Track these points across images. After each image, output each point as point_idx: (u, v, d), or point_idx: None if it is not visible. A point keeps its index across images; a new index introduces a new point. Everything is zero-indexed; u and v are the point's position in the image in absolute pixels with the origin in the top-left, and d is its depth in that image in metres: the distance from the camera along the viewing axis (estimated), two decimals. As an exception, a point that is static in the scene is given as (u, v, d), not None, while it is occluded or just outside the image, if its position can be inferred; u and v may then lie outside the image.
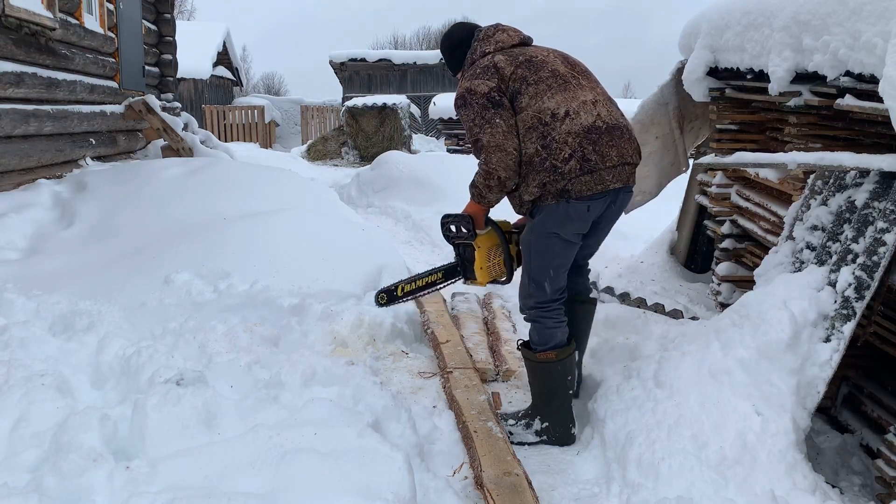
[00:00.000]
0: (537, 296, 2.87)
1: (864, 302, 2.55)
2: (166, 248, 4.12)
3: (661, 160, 4.82)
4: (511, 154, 2.72)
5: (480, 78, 2.78)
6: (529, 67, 2.79)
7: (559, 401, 2.91)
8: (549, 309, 2.88)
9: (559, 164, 2.67)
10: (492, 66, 2.80)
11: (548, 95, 2.73)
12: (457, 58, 3.05)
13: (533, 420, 2.94)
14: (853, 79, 2.78)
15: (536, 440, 2.93)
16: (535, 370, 2.95)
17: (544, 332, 2.90)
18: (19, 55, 5.27)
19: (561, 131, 2.68)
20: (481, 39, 2.97)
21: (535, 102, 2.72)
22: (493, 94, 2.74)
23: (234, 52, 24.37)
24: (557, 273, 2.86)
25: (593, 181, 2.69)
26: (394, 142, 15.24)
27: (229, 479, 2.09)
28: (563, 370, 2.90)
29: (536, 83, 2.75)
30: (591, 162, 2.68)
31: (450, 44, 3.08)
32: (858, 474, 2.73)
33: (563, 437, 2.91)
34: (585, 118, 2.72)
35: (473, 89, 2.77)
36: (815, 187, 2.99)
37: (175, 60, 9.64)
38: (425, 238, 6.88)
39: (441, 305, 4.24)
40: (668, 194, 5.13)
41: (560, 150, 2.67)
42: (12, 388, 2.50)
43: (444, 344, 3.66)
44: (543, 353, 2.89)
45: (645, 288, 4.82)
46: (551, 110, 2.71)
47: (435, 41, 42.40)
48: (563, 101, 2.73)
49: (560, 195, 2.71)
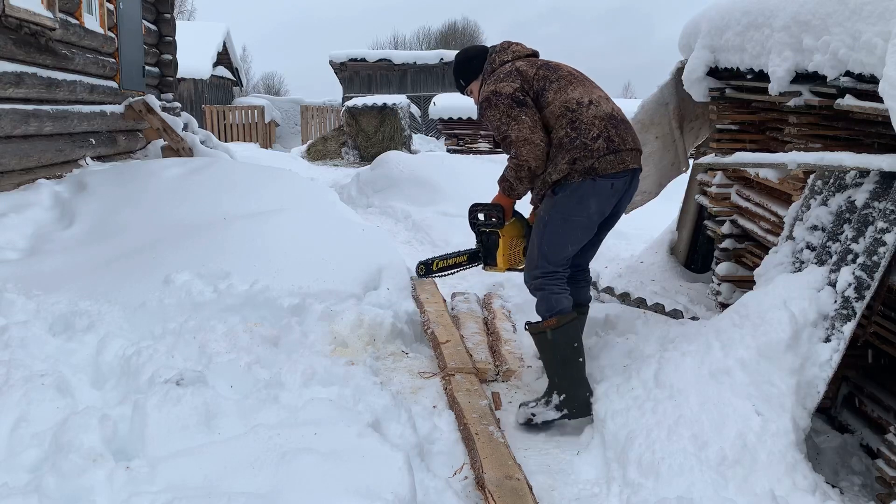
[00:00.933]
0: (544, 266, 3.04)
1: (864, 302, 2.55)
2: (166, 248, 4.12)
3: (661, 160, 4.82)
4: (539, 146, 2.97)
5: (505, 81, 3.04)
6: (548, 69, 3.10)
7: (570, 370, 2.99)
8: (554, 276, 3.05)
9: (588, 142, 2.93)
10: (514, 71, 3.07)
11: (571, 88, 3.03)
12: (474, 66, 3.27)
13: (551, 396, 3.02)
14: (853, 79, 2.78)
15: (558, 415, 2.99)
16: (541, 343, 3.08)
17: (550, 299, 3.03)
18: (19, 55, 5.27)
19: (588, 115, 2.97)
20: (499, 52, 3.23)
21: (561, 95, 3.01)
22: (518, 94, 2.99)
23: (234, 52, 24.37)
24: (570, 251, 3.07)
25: (617, 160, 2.96)
26: (394, 142, 15.24)
27: (229, 479, 2.09)
28: (565, 336, 3.00)
29: (558, 80, 3.05)
30: (615, 143, 2.97)
31: (467, 55, 3.34)
32: (858, 474, 2.72)
33: (581, 407, 2.97)
34: (605, 107, 3.04)
35: (499, 91, 3.01)
36: (815, 187, 2.99)
37: (175, 60, 9.63)
38: (425, 238, 6.88)
39: (441, 305, 4.24)
40: (668, 194, 5.12)
41: (589, 129, 2.95)
42: (12, 388, 2.51)
43: (444, 344, 3.66)
44: (546, 321, 3.02)
45: (645, 288, 4.82)
46: (576, 100, 3.00)
47: (435, 41, 42.46)
48: (585, 92, 3.04)
49: (587, 173, 2.93)
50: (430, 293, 4.42)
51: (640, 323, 3.55)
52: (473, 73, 3.27)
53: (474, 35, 43.07)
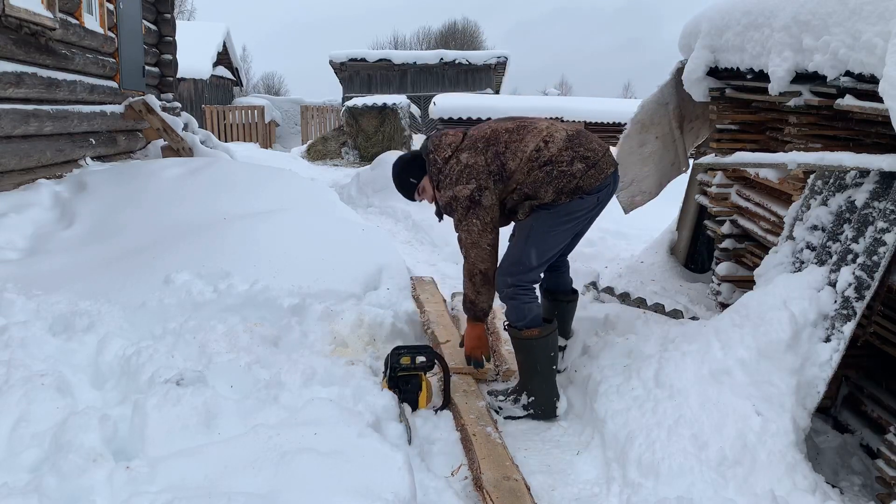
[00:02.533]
0: (520, 275, 3.11)
1: (864, 302, 2.55)
2: (166, 248, 4.12)
3: (661, 160, 4.82)
4: (485, 248, 3.08)
5: (460, 183, 3.07)
6: (488, 143, 3.11)
7: (543, 376, 3.11)
8: (526, 288, 3.14)
9: (566, 169, 3.01)
10: (465, 169, 3.07)
11: (522, 144, 3.07)
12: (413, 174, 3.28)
13: (520, 395, 3.15)
14: (853, 79, 2.78)
15: (523, 414, 3.13)
16: (521, 347, 3.16)
17: (521, 308, 3.12)
18: (19, 55, 5.27)
19: (552, 151, 3.04)
20: (434, 151, 3.20)
21: (519, 155, 3.05)
22: (474, 195, 3.04)
23: (234, 52, 24.37)
24: (550, 259, 3.17)
25: (597, 172, 3.04)
26: (394, 142, 15.23)
27: (229, 479, 2.09)
28: (545, 346, 3.11)
29: (507, 144, 3.09)
30: (590, 158, 3.04)
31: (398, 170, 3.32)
32: (858, 474, 2.72)
33: (548, 410, 3.12)
34: (559, 135, 3.10)
35: (456, 195, 3.08)
36: (815, 187, 2.99)
37: (175, 60, 9.63)
38: (425, 238, 6.88)
39: (441, 306, 4.24)
40: (668, 194, 5.12)
41: (560, 159, 3.02)
42: (12, 388, 2.50)
43: (444, 344, 3.66)
44: (528, 330, 3.10)
45: (645, 288, 4.82)
46: (534, 149, 3.06)
47: (435, 41, 42.42)
48: (534, 137, 3.09)
49: (574, 193, 3.02)
50: (430, 293, 4.42)
51: (640, 323, 3.54)
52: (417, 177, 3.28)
53: (474, 35, 43.07)
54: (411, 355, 3.08)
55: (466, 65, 23.04)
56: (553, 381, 3.13)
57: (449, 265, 5.86)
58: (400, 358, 3.06)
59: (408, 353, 3.09)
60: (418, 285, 4.52)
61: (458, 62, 22.99)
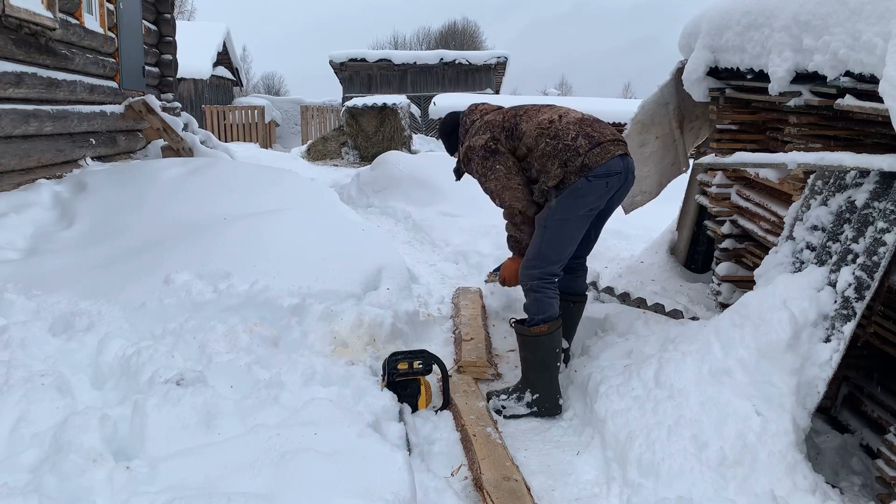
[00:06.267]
0: (544, 268, 3.15)
1: (865, 302, 2.55)
2: (166, 248, 4.12)
3: (662, 160, 4.82)
4: (517, 188, 3.19)
5: (476, 135, 3.30)
6: (514, 109, 3.36)
7: (549, 373, 3.15)
8: (550, 281, 3.17)
9: (570, 143, 3.08)
10: (483, 124, 3.32)
11: (539, 114, 3.26)
12: (455, 136, 3.57)
13: (524, 393, 3.17)
14: (853, 79, 2.78)
15: (527, 412, 3.15)
16: (528, 344, 3.19)
17: (543, 302, 3.15)
18: (19, 55, 5.27)
19: (562, 124, 3.16)
20: (467, 114, 3.51)
21: (533, 121, 3.22)
22: (490, 144, 3.22)
23: (234, 52, 24.35)
24: (569, 253, 3.19)
25: (602, 152, 3.07)
26: (394, 142, 15.23)
27: (229, 479, 2.09)
28: (553, 342, 3.15)
29: (526, 112, 3.29)
30: (595, 137, 3.11)
31: (444, 130, 3.62)
32: (858, 474, 2.72)
33: (552, 407, 3.15)
34: (574, 115, 3.24)
35: (472, 145, 3.27)
36: (815, 187, 2.99)
37: (175, 60, 9.63)
38: (425, 238, 6.87)
39: (477, 310, 4.34)
40: (668, 194, 5.12)
41: (566, 133, 3.11)
42: (12, 388, 2.50)
43: (468, 341, 3.77)
44: (537, 326, 3.14)
45: (645, 288, 4.82)
46: (547, 119, 3.21)
47: (435, 41, 42.41)
48: (553, 112, 3.26)
49: (580, 172, 3.05)
50: (470, 300, 4.57)
51: (640, 323, 3.55)
52: (458, 141, 3.55)
53: (474, 35, 43.04)
54: (408, 360, 3.09)
55: (466, 65, 23.03)
56: (556, 377, 3.17)
57: (449, 265, 5.86)
58: (397, 364, 3.08)
59: (405, 359, 3.10)
60: (461, 293, 4.69)
61: (458, 62, 22.98)
